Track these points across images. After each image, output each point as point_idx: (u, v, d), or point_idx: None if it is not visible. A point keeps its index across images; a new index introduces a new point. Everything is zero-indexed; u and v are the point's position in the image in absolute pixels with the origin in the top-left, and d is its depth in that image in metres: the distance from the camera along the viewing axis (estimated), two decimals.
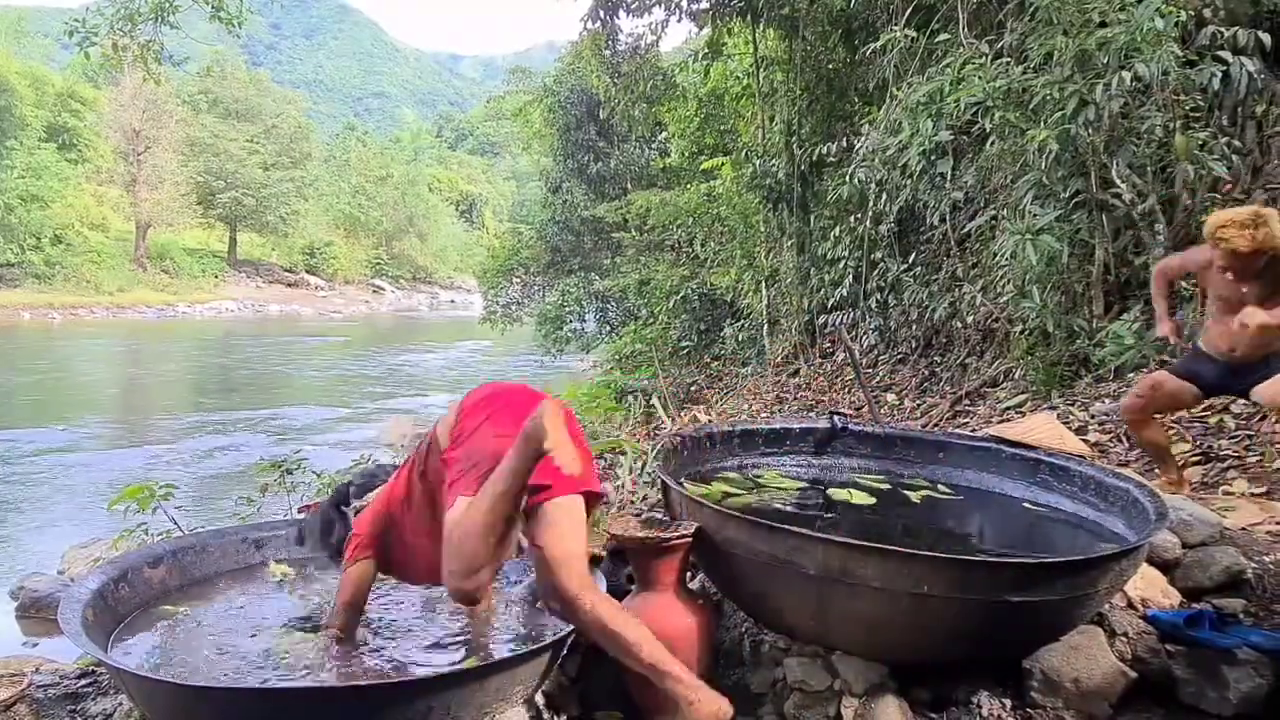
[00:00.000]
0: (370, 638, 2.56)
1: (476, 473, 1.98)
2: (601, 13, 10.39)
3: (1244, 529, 2.98)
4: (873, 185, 7.05)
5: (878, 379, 7.53)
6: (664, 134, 15.90)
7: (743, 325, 10.85)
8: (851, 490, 3.23)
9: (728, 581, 2.62)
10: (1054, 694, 2.28)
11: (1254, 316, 3.01)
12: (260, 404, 15.59)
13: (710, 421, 6.19)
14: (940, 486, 3.20)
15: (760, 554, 2.32)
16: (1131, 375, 4.93)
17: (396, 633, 2.60)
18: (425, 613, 2.76)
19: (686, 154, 14.39)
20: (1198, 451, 3.99)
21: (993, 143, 5.63)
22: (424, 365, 23.77)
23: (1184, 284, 5.06)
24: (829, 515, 2.97)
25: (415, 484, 2.34)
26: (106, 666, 2.23)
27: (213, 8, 9.90)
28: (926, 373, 7.17)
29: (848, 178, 7.08)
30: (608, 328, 16.73)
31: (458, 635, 2.59)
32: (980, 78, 5.30)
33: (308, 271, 52.03)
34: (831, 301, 8.33)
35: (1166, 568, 2.72)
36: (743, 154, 10.09)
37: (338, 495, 2.65)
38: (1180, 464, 3.89)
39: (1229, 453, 3.94)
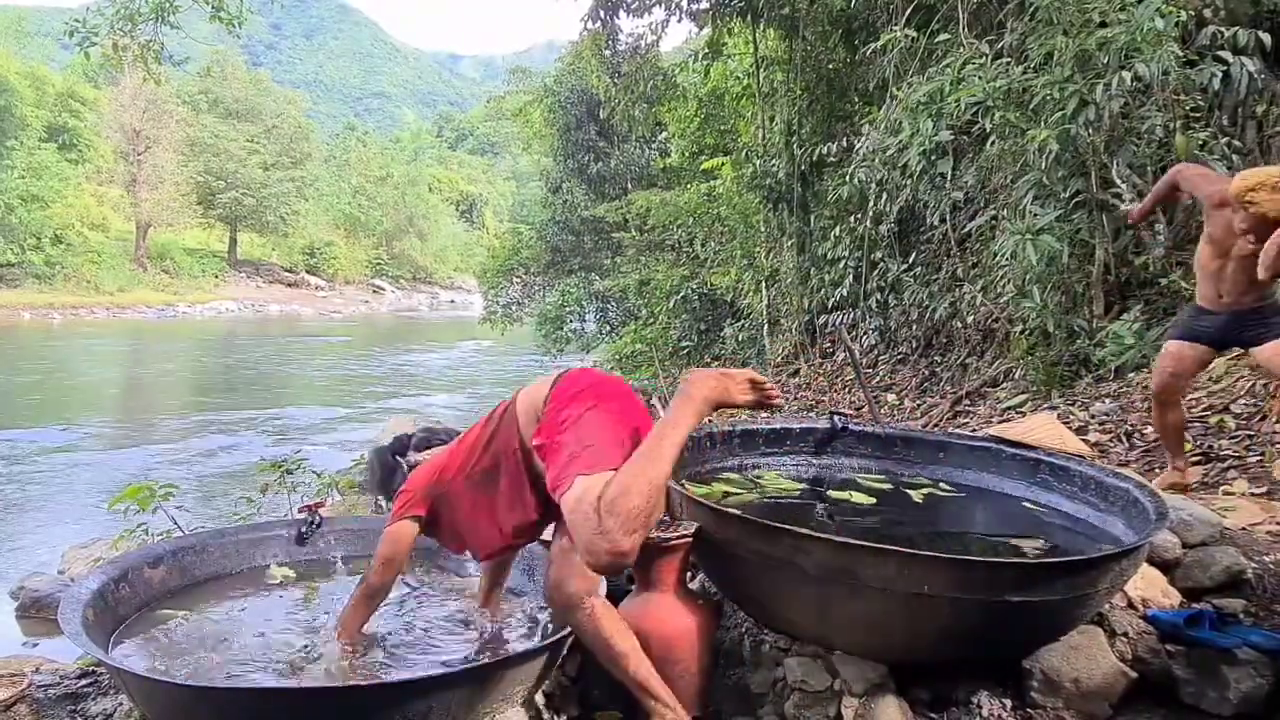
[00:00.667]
0: (371, 638, 2.56)
1: (591, 453, 2.00)
2: (602, 13, 10.39)
3: (1244, 529, 2.98)
4: (873, 185, 7.05)
5: (878, 379, 7.53)
6: (664, 134, 15.91)
7: (743, 325, 10.85)
8: (852, 490, 3.23)
9: (728, 581, 2.62)
10: (1054, 694, 2.28)
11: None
12: (260, 404, 15.59)
13: (710, 421, 6.19)
14: (941, 485, 3.20)
15: (760, 554, 2.32)
16: (1132, 375, 4.93)
17: (396, 633, 2.60)
18: (424, 614, 2.76)
19: (687, 154, 14.39)
20: (1198, 451, 3.99)
21: (993, 143, 5.63)
22: (424, 365, 23.77)
23: (1184, 285, 5.07)
24: (829, 515, 2.97)
25: (479, 458, 2.34)
26: (107, 666, 2.23)
27: (213, 8, 9.88)
28: (927, 373, 7.17)
29: (848, 178, 7.08)
30: (608, 328, 16.74)
31: (457, 636, 2.59)
32: (980, 78, 5.30)
33: (308, 271, 52.04)
34: (832, 301, 8.33)
35: (1167, 568, 2.72)
36: (743, 154, 10.08)
37: (397, 444, 2.69)
38: None
39: (1229, 453, 3.94)
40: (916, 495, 3.11)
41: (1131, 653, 2.41)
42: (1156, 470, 3.89)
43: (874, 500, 3.14)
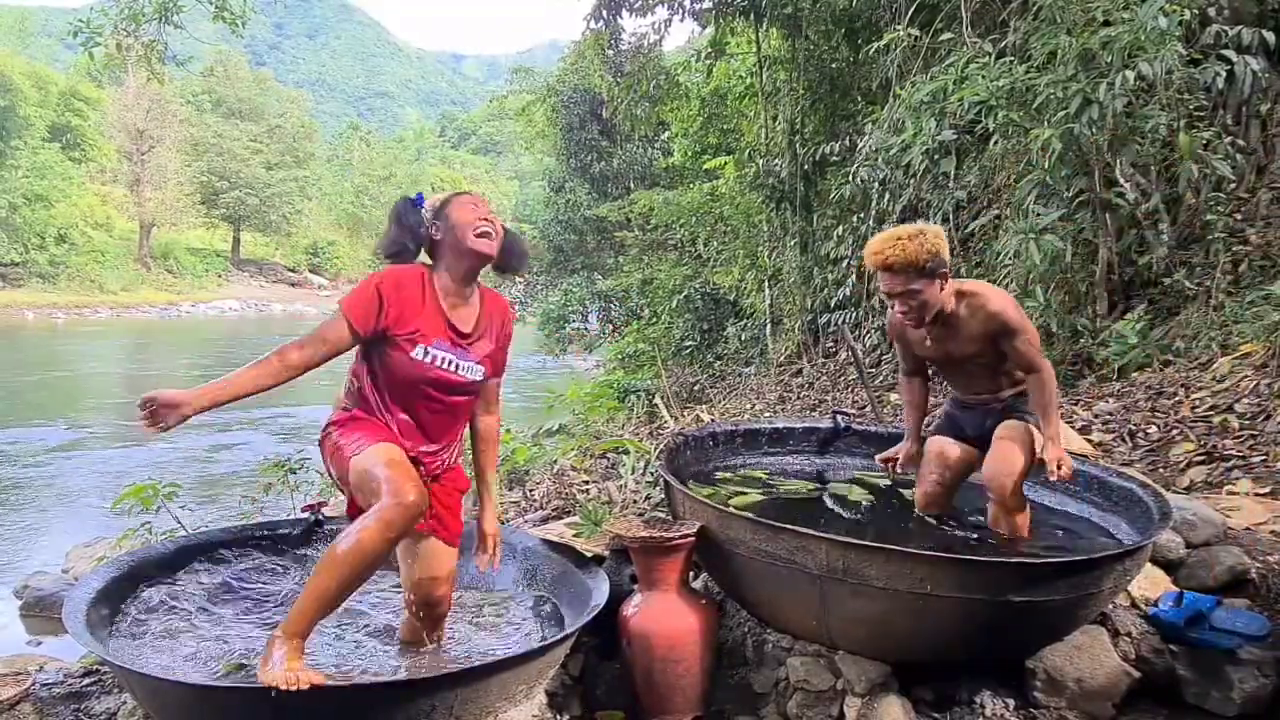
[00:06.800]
0: (373, 638, 2.56)
1: None
2: (604, 12, 10.38)
3: (1248, 529, 2.97)
4: (876, 184, 7.04)
5: (881, 379, 7.52)
6: (667, 133, 15.88)
7: (746, 324, 10.84)
8: (854, 488, 3.23)
9: (730, 581, 2.62)
10: (1057, 694, 2.28)
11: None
12: (264, 403, 15.59)
13: (713, 421, 6.19)
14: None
15: (763, 553, 2.32)
16: (1135, 375, 4.91)
17: (398, 632, 2.60)
18: None
19: (689, 153, 14.36)
20: (1202, 451, 3.98)
21: (996, 142, 5.62)
22: None
23: (1188, 285, 5.05)
24: (832, 515, 2.97)
25: None
26: (110, 665, 2.23)
27: (216, 8, 9.90)
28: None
29: (851, 177, 7.07)
30: (610, 327, 16.73)
31: (461, 635, 2.59)
32: (983, 77, 5.29)
33: (311, 271, 52.15)
34: (834, 301, 8.31)
35: (1170, 567, 2.72)
36: (746, 153, 10.07)
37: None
38: (1184, 463, 3.88)
39: (1233, 452, 3.92)
40: (909, 494, 3.11)
41: (1135, 652, 2.40)
42: (1160, 470, 3.88)
43: (874, 498, 3.15)
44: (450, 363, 2.29)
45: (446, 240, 2.31)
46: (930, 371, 3.09)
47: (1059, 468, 2.45)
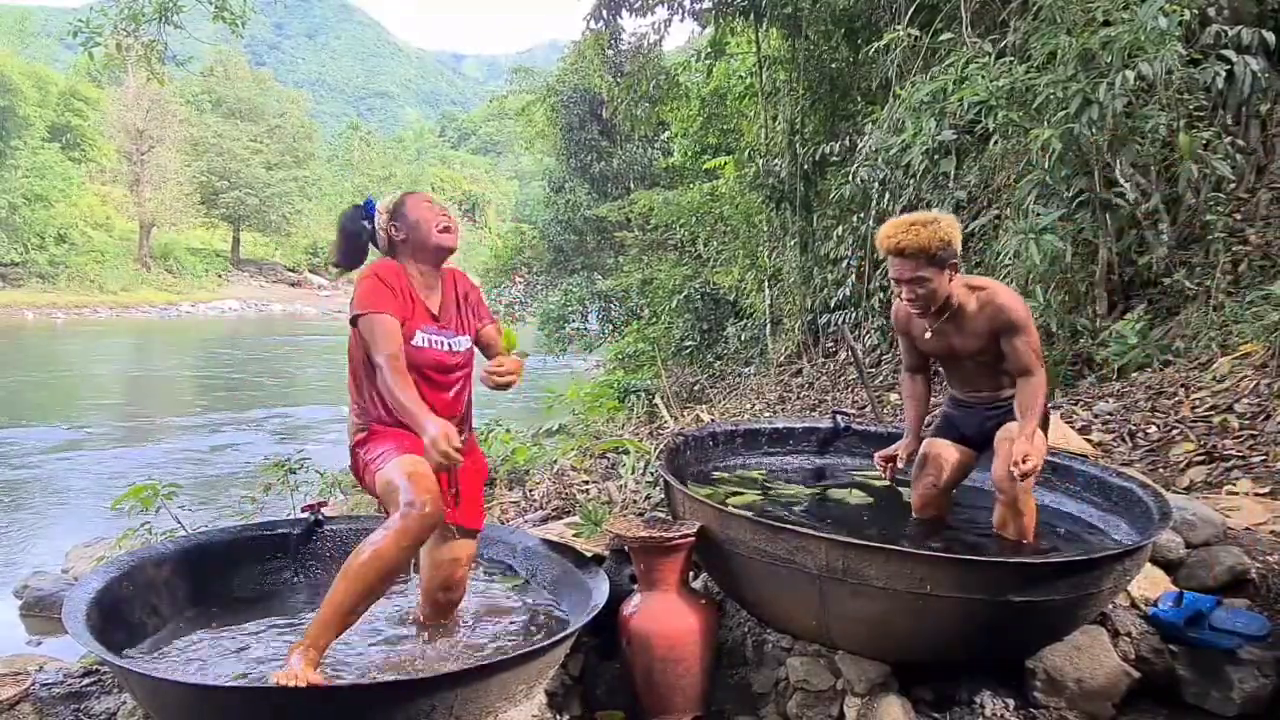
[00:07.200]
0: (374, 637, 2.56)
1: None
2: (604, 12, 10.38)
3: (1248, 529, 2.97)
4: (875, 184, 7.04)
5: (881, 379, 7.52)
6: (667, 133, 15.86)
7: (745, 324, 10.84)
8: (853, 489, 3.23)
9: (730, 581, 2.62)
10: (1057, 694, 2.28)
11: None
12: (263, 403, 15.59)
13: (713, 421, 6.19)
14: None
15: (762, 553, 2.32)
16: (1135, 375, 4.92)
17: (400, 632, 2.60)
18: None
19: (689, 153, 14.36)
20: (1202, 451, 3.98)
21: (996, 142, 5.62)
22: None
23: (1188, 284, 5.05)
24: (831, 514, 2.97)
25: None
26: (110, 665, 2.23)
27: (215, 8, 9.90)
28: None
29: (850, 177, 7.07)
30: (610, 327, 16.73)
31: (461, 634, 2.59)
32: (983, 77, 5.29)
33: (310, 271, 52.09)
34: (834, 301, 8.31)
35: (1170, 567, 2.72)
36: (745, 153, 10.07)
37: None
38: (1184, 463, 3.88)
39: (1233, 452, 3.93)
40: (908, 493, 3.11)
41: (1135, 653, 2.40)
42: (1160, 470, 3.88)
43: (872, 500, 3.15)
44: (440, 343, 2.46)
45: (411, 239, 2.46)
46: (932, 370, 3.09)
47: (1023, 461, 2.39)
